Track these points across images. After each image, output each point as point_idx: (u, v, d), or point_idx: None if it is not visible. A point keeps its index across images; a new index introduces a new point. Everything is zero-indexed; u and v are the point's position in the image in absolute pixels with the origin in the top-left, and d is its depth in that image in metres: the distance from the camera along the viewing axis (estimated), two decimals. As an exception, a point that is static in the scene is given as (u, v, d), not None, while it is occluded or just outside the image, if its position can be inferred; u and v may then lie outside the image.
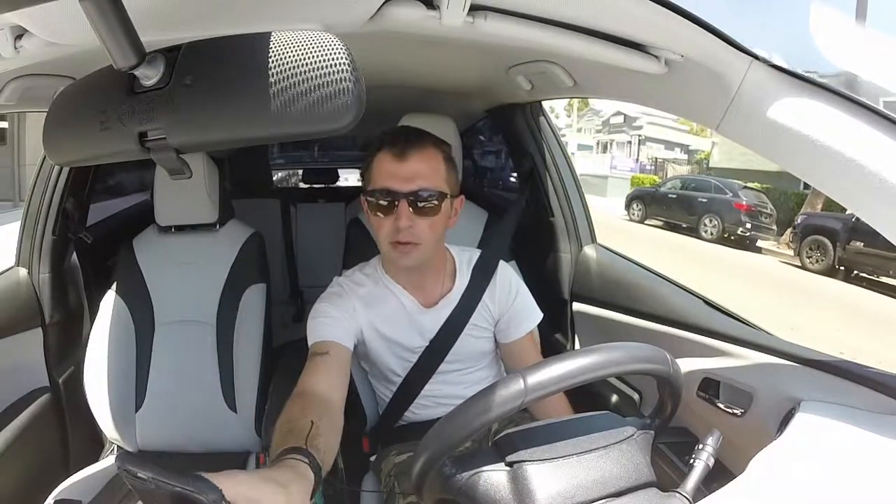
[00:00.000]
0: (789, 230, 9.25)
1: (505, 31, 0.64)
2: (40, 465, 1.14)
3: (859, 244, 7.32)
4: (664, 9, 0.58)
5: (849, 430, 0.60)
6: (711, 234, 10.33)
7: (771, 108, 0.63)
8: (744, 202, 10.15)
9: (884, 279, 7.17)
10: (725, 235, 10.11)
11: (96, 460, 1.23)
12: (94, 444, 1.33)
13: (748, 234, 9.96)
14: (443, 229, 0.94)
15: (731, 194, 10.47)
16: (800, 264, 8.29)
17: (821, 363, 0.73)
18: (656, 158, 22.28)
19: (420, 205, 0.89)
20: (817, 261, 8.01)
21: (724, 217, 10.19)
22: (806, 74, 0.62)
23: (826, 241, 7.87)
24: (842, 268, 7.66)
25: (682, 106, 0.78)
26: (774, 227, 10.31)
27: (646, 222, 12.13)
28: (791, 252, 8.83)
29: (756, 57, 0.64)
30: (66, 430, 1.23)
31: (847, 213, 7.62)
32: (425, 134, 0.94)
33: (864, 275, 7.45)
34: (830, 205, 9.12)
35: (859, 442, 0.58)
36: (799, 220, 8.95)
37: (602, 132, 26.89)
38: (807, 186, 10.92)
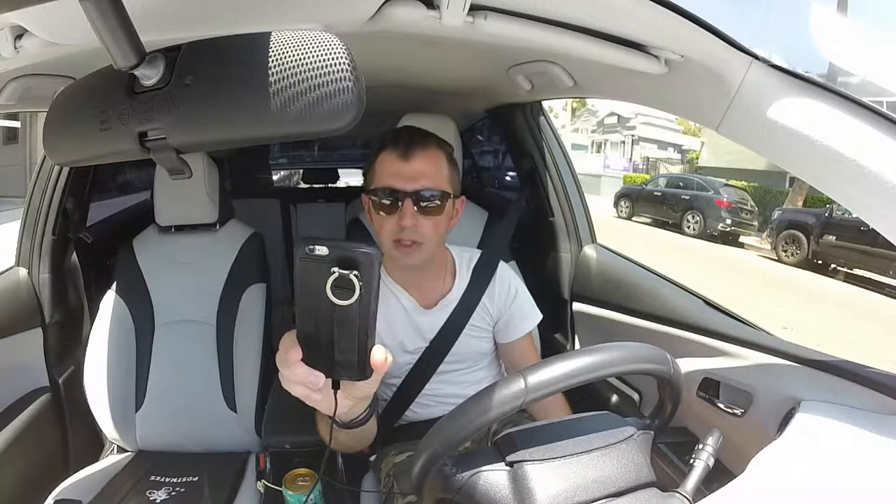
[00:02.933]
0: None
1: (505, 31, 0.64)
2: (40, 465, 1.14)
3: (832, 238, 7.59)
4: (664, 9, 0.58)
5: (849, 430, 0.59)
6: (694, 229, 10.55)
7: (771, 108, 0.63)
8: (724, 199, 10.35)
9: (857, 271, 7.40)
10: (707, 231, 10.32)
11: (96, 460, 1.23)
12: (94, 444, 1.33)
13: (728, 229, 10.18)
14: (445, 229, 0.94)
15: (712, 192, 10.66)
16: (776, 258, 8.50)
17: (821, 363, 0.73)
18: (648, 158, 22.36)
19: (424, 204, 0.89)
20: (792, 254, 8.24)
21: (706, 213, 10.39)
22: (806, 74, 0.62)
23: (801, 235, 8.12)
24: (817, 261, 7.87)
25: (682, 106, 0.78)
26: (755, 224, 10.49)
27: (633, 219, 12.28)
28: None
29: (756, 57, 0.64)
30: (66, 430, 1.23)
31: (822, 208, 7.99)
32: (429, 134, 0.94)
33: (837, 267, 7.69)
34: (813, 201, 9.38)
35: (859, 442, 0.58)
36: (775, 215, 9.14)
37: (597, 132, 26.90)
38: (791, 184, 11.11)
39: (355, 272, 0.40)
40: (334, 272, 0.40)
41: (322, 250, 0.40)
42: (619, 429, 0.62)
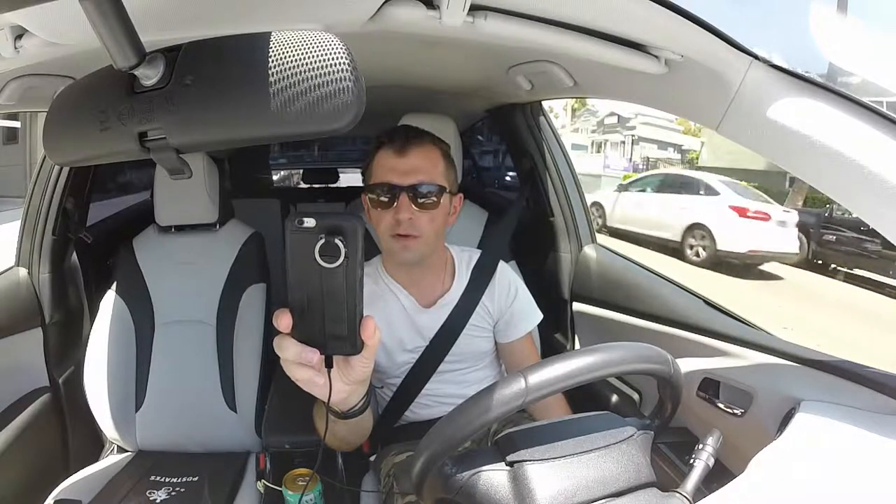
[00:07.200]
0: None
1: (505, 31, 0.64)
2: (40, 465, 1.14)
3: (832, 238, 7.60)
4: (664, 9, 0.58)
5: (849, 430, 0.59)
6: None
7: (771, 108, 0.63)
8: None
9: (857, 271, 7.38)
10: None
11: (96, 460, 1.23)
12: (94, 444, 1.33)
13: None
14: (442, 225, 0.95)
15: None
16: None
17: (821, 363, 0.73)
18: (648, 158, 22.36)
19: (420, 200, 0.90)
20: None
21: (704, 213, 10.36)
22: (806, 74, 0.62)
23: (801, 235, 8.01)
24: (817, 261, 7.82)
25: (682, 106, 0.78)
26: (755, 223, 10.46)
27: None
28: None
29: (756, 57, 0.64)
30: (66, 430, 1.23)
31: (822, 208, 7.98)
32: (424, 132, 0.96)
33: (837, 267, 7.66)
34: (813, 201, 9.33)
35: (859, 442, 0.58)
36: (775, 215, 9.13)
37: (597, 132, 26.89)
38: (791, 184, 11.11)
39: (340, 237, 0.44)
40: (321, 238, 0.44)
41: (310, 222, 0.44)
42: (619, 429, 0.62)
